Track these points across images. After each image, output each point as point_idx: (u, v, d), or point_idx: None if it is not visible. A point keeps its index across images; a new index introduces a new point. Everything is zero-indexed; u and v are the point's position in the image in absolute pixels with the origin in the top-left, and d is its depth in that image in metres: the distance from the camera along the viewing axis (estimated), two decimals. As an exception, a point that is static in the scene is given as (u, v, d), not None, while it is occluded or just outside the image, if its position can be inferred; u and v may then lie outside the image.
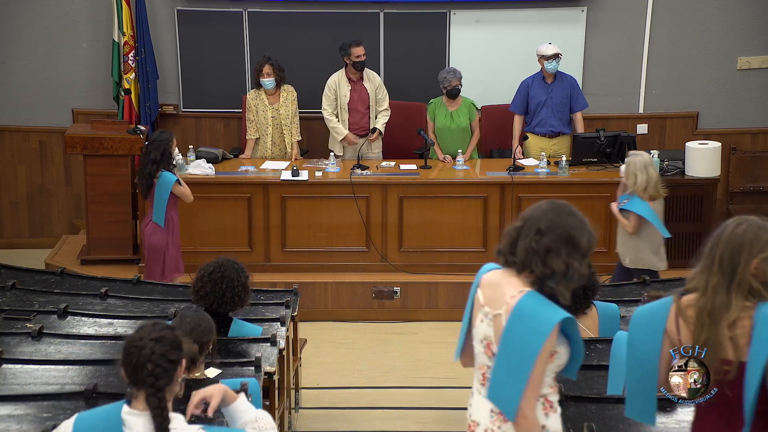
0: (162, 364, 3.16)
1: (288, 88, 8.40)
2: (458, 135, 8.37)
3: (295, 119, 8.43)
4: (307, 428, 6.21)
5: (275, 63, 8.25)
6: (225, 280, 4.93)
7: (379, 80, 8.43)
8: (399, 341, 7.63)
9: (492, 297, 3.46)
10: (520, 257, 3.40)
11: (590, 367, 4.49)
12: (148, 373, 3.14)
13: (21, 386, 4.56)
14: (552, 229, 3.38)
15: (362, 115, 8.39)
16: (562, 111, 8.37)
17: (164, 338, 3.22)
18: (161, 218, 7.21)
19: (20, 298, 5.80)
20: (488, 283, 3.50)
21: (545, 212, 3.43)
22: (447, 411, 6.48)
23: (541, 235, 3.37)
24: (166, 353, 3.18)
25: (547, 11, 8.87)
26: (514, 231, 3.46)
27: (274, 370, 4.84)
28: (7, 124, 9.13)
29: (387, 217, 7.99)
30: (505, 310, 3.38)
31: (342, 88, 8.32)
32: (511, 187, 7.92)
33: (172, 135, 7.37)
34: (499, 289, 3.44)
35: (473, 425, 3.55)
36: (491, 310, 3.44)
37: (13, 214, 9.30)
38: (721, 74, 9.00)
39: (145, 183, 7.20)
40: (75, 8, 8.92)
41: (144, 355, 3.16)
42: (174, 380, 3.23)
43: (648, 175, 6.83)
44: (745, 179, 8.99)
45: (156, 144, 7.16)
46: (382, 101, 8.42)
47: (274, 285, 7.25)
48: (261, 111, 8.32)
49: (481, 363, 3.53)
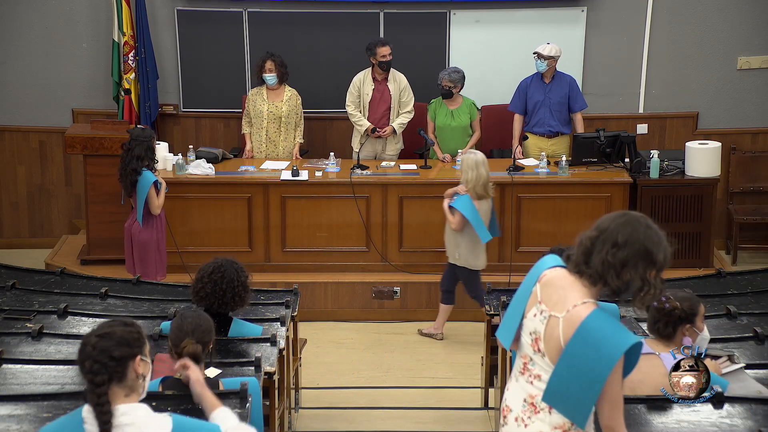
0: (101, 360, 3.16)
1: (293, 91, 8.39)
2: (459, 134, 8.38)
3: (300, 122, 8.43)
4: (307, 428, 6.21)
5: (278, 59, 8.27)
6: (225, 281, 4.93)
7: (405, 82, 8.38)
8: (399, 341, 7.63)
9: (552, 298, 3.45)
10: (595, 269, 3.37)
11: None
12: (87, 369, 3.17)
13: (21, 386, 4.56)
14: (630, 242, 3.35)
15: (382, 115, 8.38)
16: (560, 111, 8.37)
17: (110, 335, 3.22)
18: (140, 215, 7.32)
19: (20, 298, 5.80)
20: (550, 283, 3.48)
21: (623, 225, 3.38)
22: (447, 411, 6.48)
23: (617, 249, 3.34)
24: (108, 349, 3.18)
25: (547, 11, 8.87)
26: (589, 241, 3.41)
27: (274, 370, 4.84)
28: (7, 124, 9.13)
29: (387, 217, 7.99)
30: (565, 318, 3.37)
31: (366, 86, 8.33)
32: (511, 187, 7.92)
33: (153, 131, 7.43)
34: (561, 293, 3.42)
35: (506, 410, 3.60)
36: (548, 310, 3.44)
37: (13, 214, 9.30)
38: (721, 74, 8.99)
39: (129, 179, 7.27)
40: (75, 8, 8.92)
41: (85, 352, 3.19)
42: (124, 375, 3.20)
43: (477, 174, 7.04)
44: (745, 179, 8.99)
45: (139, 140, 7.25)
46: (407, 104, 8.39)
47: (274, 285, 7.25)
48: (258, 104, 8.30)
49: (525, 353, 3.54)
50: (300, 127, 8.45)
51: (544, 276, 3.51)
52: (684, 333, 4.24)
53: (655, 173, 8.06)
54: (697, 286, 5.97)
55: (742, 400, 4.14)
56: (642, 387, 4.20)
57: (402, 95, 8.37)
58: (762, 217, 8.80)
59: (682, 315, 4.26)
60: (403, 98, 8.38)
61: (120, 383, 3.19)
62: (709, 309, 5.62)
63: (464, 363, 7.09)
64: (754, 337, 5.02)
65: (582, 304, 3.36)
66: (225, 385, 4.24)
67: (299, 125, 8.44)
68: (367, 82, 8.34)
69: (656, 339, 4.28)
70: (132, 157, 7.24)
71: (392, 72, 8.37)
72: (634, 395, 4.15)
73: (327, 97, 8.89)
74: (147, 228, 7.40)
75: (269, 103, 8.30)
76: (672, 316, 4.24)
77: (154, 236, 7.43)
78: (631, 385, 4.22)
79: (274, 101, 8.32)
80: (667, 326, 4.23)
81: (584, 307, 3.36)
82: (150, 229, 7.42)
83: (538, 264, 3.58)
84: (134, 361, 3.23)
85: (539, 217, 7.96)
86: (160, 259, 7.52)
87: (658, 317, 4.24)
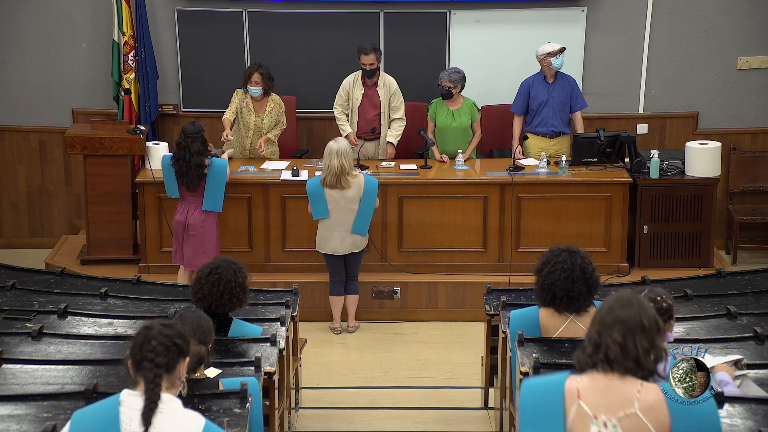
0: (165, 343, 3.33)
1: (275, 100, 8.27)
2: (459, 134, 8.37)
3: (279, 126, 8.32)
4: (307, 428, 6.21)
5: (265, 72, 8.12)
6: (222, 282, 4.92)
7: (395, 87, 8.32)
8: (398, 341, 7.63)
9: (605, 402, 3.30)
10: (627, 364, 3.29)
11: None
12: (150, 348, 3.31)
13: (21, 386, 4.57)
14: (651, 322, 3.32)
15: (370, 120, 8.36)
16: (562, 111, 8.38)
17: (173, 327, 3.41)
18: (219, 204, 7.53)
19: (20, 298, 5.80)
20: (589, 390, 3.32)
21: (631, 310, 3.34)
22: (447, 411, 6.48)
23: (644, 332, 3.31)
24: (172, 336, 3.36)
25: (547, 11, 8.87)
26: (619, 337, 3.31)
27: (274, 370, 4.85)
28: (7, 124, 9.13)
29: (387, 217, 7.99)
30: (641, 408, 3.28)
31: (355, 90, 8.29)
32: (511, 187, 7.92)
33: (203, 126, 7.58)
34: (612, 391, 3.30)
35: None
36: (613, 415, 3.28)
37: (13, 214, 9.30)
38: (721, 74, 8.99)
39: (196, 175, 7.43)
40: (75, 8, 8.92)
41: (151, 334, 3.34)
42: (175, 368, 3.35)
43: (329, 163, 7.26)
44: (745, 179, 8.99)
45: (193, 136, 7.42)
46: (397, 109, 8.34)
47: (274, 285, 7.27)
48: (245, 113, 8.25)
49: None
50: (278, 127, 8.32)
51: (570, 392, 3.32)
52: (668, 328, 4.26)
53: (655, 173, 8.06)
54: (697, 286, 5.98)
55: (742, 400, 4.14)
56: None
57: (392, 100, 8.33)
58: (762, 217, 8.81)
59: (670, 311, 4.29)
60: (393, 103, 8.34)
61: (168, 374, 3.34)
62: (709, 309, 5.64)
63: (464, 363, 7.09)
64: (754, 337, 5.02)
65: (643, 386, 3.29)
66: (225, 385, 4.24)
67: (278, 126, 8.32)
68: (357, 86, 8.30)
69: None
70: (192, 153, 7.40)
71: (382, 76, 8.32)
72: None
73: (327, 97, 8.87)
74: (211, 218, 7.60)
75: (255, 115, 8.24)
76: (664, 314, 4.24)
77: (216, 226, 7.64)
78: None
79: (258, 113, 8.25)
80: None
81: (654, 389, 3.30)
82: (214, 218, 7.62)
83: (546, 389, 3.36)
84: (184, 361, 3.40)
85: (539, 217, 7.96)
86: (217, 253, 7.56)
87: None
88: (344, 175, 7.27)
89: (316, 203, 7.40)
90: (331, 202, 7.36)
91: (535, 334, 4.96)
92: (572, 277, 4.79)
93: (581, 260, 4.83)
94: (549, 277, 4.84)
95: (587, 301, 4.86)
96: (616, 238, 7.98)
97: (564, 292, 4.81)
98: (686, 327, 5.34)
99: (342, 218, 7.41)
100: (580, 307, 4.87)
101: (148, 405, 3.25)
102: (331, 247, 7.50)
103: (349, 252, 7.52)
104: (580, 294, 4.82)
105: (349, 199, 7.36)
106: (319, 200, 7.37)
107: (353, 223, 7.42)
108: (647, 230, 8.09)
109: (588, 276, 4.81)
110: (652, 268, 7.91)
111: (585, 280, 4.80)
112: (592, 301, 4.89)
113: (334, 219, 7.41)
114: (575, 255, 4.85)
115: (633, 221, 8.09)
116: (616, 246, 7.99)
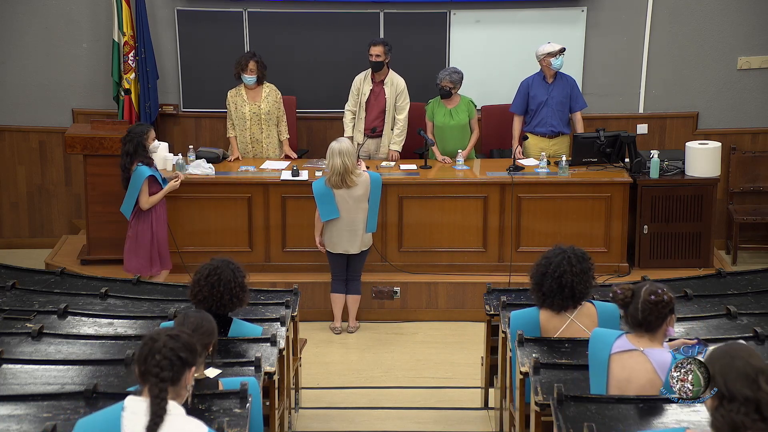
0: (170, 358, 3.34)
1: (271, 87, 8.34)
2: (458, 132, 8.37)
3: (282, 119, 8.40)
4: (307, 428, 6.21)
5: (260, 60, 8.22)
6: (222, 283, 4.91)
7: (402, 87, 8.32)
8: (398, 341, 7.63)
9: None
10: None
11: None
12: (155, 363, 3.32)
13: (21, 386, 4.57)
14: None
15: (376, 117, 8.37)
16: (562, 111, 8.38)
17: (179, 337, 3.41)
18: (129, 210, 7.49)
19: (20, 298, 5.80)
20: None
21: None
22: (447, 411, 6.48)
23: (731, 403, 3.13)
24: (177, 349, 3.37)
25: (547, 11, 8.87)
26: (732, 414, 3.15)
27: (274, 370, 4.85)
28: (7, 124, 9.13)
29: (387, 217, 7.99)
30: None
31: (365, 86, 8.32)
32: (511, 187, 7.92)
33: (149, 128, 7.53)
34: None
35: None
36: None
37: (13, 214, 9.30)
38: (721, 74, 8.99)
39: (123, 175, 7.45)
40: (75, 8, 8.91)
41: (156, 348, 3.35)
42: (180, 380, 3.37)
43: (333, 163, 7.23)
44: (745, 179, 8.99)
45: (130, 136, 7.42)
46: (402, 109, 8.34)
47: (274, 285, 7.27)
48: (239, 106, 8.28)
49: None
50: (283, 122, 8.39)
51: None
52: (669, 323, 4.26)
53: (655, 173, 8.06)
54: (697, 286, 5.98)
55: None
56: (630, 386, 4.20)
57: (398, 99, 8.34)
58: (762, 217, 8.80)
59: (671, 305, 4.29)
60: (399, 102, 8.34)
61: (173, 386, 3.36)
62: (709, 309, 5.64)
63: (464, 363, 7.09)
64: (754, 337, 5.02)
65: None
66: (225, 385, 4.24)
67: (282, 120, 8.39)
68: (366, 83, 8.33)
69: (638, 334, 4.26)
70: (123, 152, 7.43)
71: (391, 75, 8.33)
72: (630, 395, 4.15)
73: (327, 97, 8.89)
74: (138, 221, 7.53)
75: (250, 103, 8.27)
76: (665, 308, 4.24)
77: (146, 230, 7.52)
78: (618, 384, 4.22)
79: (254, 101, 8.29)
80: (658, 318, 4.23)
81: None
82: (141, 223, 7.54)
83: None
84: (190, 371, 3.42)
85: (539, 217, 7.96)
86: (154, 254, 7.56)
87: (653, 310, 4.22)
88: (348, 174, 7.26)
89: (324, 204, 7.36)
90: (340, 202, 7.34)
91: (535, 334, 4.97)
92: (559, 271, 4.84)
93: (570, 256, 4.87)
94: (537, 276, 4.93)
95: (573, 302, 4.89)
96: (616, 238, 7.98)
97: (551, 289, 4.87)
98: (686, 327, 5.34)
99: (352, 218, 7.39)
100: (576, 302, 4.90)
101: (153, 419, 3.27)
102: (343, 247, 7.48)
103: (360, 251, 7.52)
104: (571, 289, 4.85)
105: (357, 198, 7.35)
106: (327, 201, 7.33)
107: (367, 222, 7.42)
108: (647, 230, 8.09)
109: (578, 271, 4.84)
110: (652, 268, 7.92)
111: (575, 274, 4.83)
112: (586, 298, 4.91)
113: (344, 219, 7.39)
114: (564, 252, 4.91)
115: (633, 221, 8.09)
116: (616, 246, 7.99)
